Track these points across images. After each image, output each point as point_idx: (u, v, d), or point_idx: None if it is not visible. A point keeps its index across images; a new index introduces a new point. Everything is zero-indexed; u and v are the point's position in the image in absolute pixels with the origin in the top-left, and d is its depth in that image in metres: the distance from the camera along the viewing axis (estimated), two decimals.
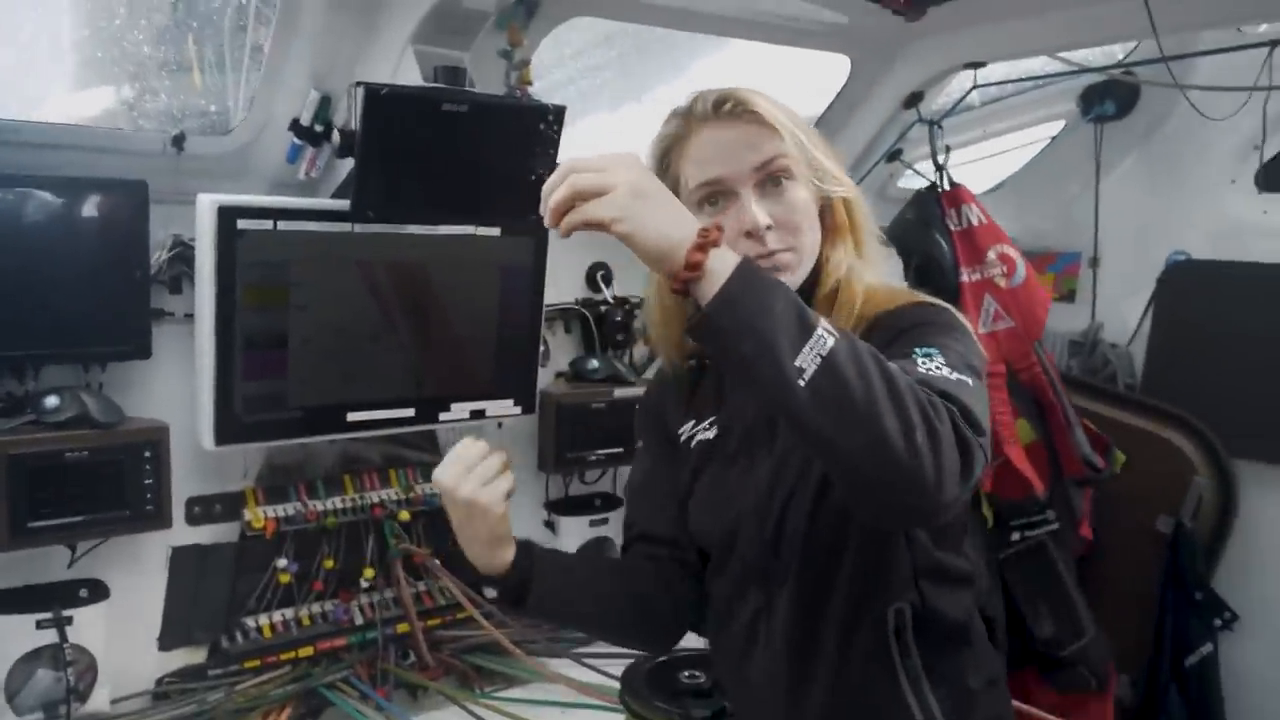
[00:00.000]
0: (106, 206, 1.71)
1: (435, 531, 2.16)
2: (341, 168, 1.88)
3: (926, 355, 0.96)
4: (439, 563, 2.10)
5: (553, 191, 0.90)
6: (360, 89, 1.67)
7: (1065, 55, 2.46)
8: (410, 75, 1.80)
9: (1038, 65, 2.66)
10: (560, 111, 1.85)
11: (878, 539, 1.08)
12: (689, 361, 1.22)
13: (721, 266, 0.87)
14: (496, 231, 2.06)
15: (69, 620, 1.72)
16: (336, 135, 1.82)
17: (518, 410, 2.18)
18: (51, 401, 1.68)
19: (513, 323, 2.14)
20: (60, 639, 1.70)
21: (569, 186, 0.89)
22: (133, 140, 1.83)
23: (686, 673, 1.74)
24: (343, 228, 1.86)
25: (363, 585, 2.07)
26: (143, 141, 1.81)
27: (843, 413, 0.84)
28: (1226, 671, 2.48)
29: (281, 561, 1.97)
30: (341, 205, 1.81)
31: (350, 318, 1.92)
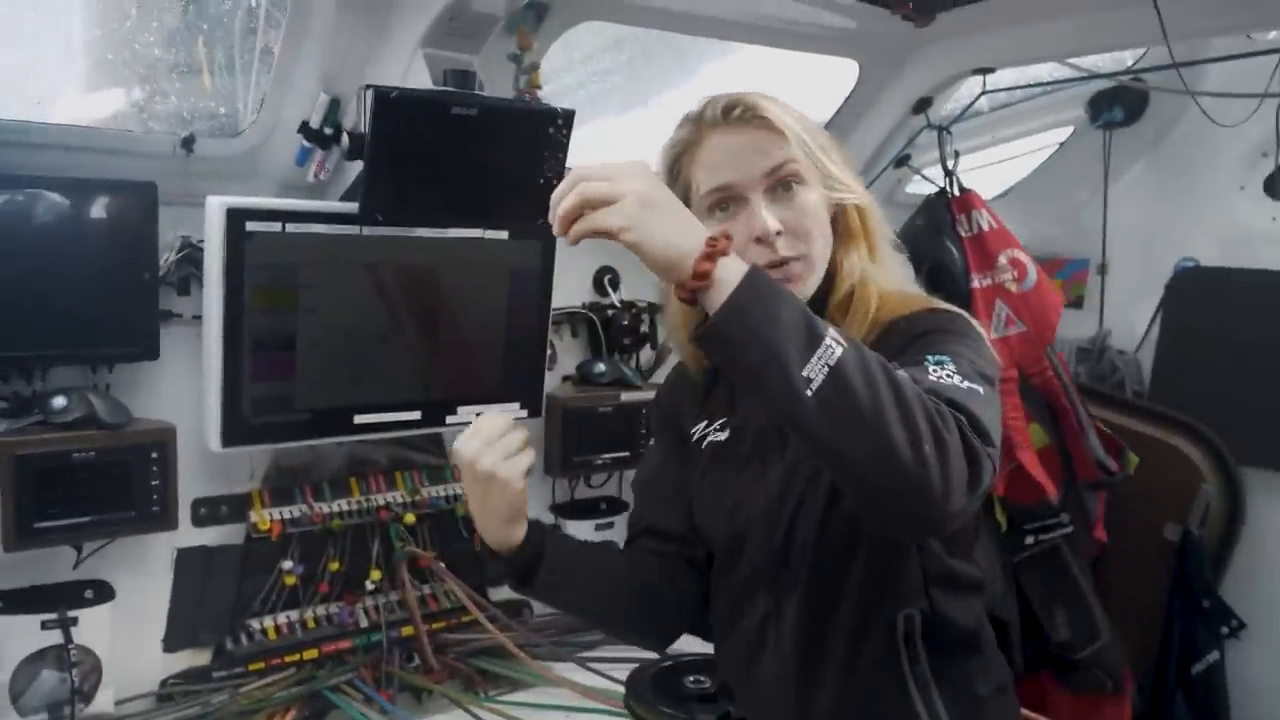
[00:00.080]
0: (115, 208, 1.71)
1: (441, 534, 2.16)
2: (350, 170, 1.88)
3: (938, 363, 0.96)
4: (444, 566, 2.10)
5: (561, 200, 0.90)
6: (370, 92, 1.67)
7: (1075, 61, 2.45)
8: (420, 78, 1.80)
9: (1047, 71, 2.66)
10: (569, 116, 1.85)
11: (888, 546, 1.07)
12: (705, 362, 1.21)
13: (729, 276, 0.87)
14: (505, 235, 2.06)
15: (74, 621, 1.71)
16: (346, 138, 1.82)
17: (524, 414, 2.17)
18: (59, 402, 1.68)
19: (520, 326, 2.13)
20: (65, 640, 1.70)
21: (577, 195, 0.89)
22: (142, 142, 1.83)
23: (691, 677, 1.73)
24: (351, 230, 1.86)
25: (368, 588, 2.06)
26: (152, 143, 1.82)
27: (850, 422, 0.83)
28: (1233, 679, 2.47)
29: (287, 563, 1.97)
30: (350, 208, 1.80)
31: (358, 320, 1.92)
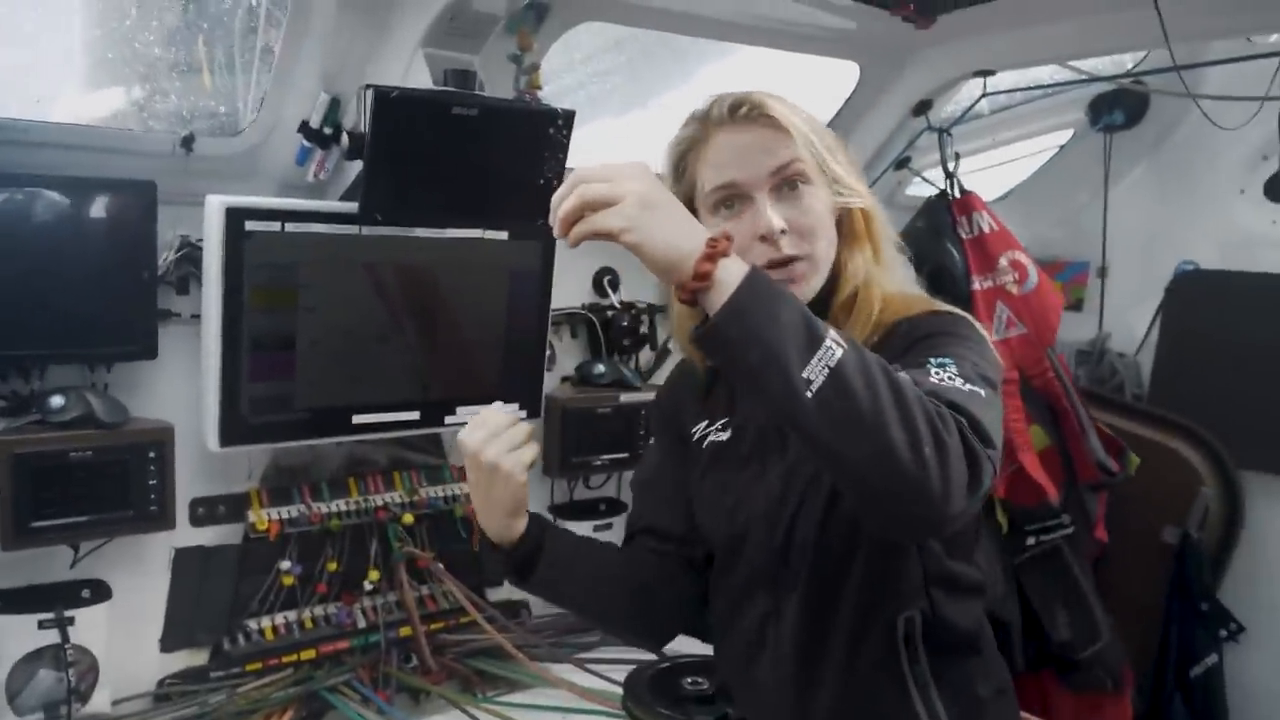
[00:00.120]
0: (114, 207, 1.71)
1: (439, 535, 2.16)
2: (350, 170, 1.88)
3: (940, 365, 0.96)
4: (442, 566, 2.10)
5: (561, 202, 0.90)
6: (370, 91, 1.67)
7: (1075, 64, 2.45)
8: (420, 78, 1.80)
9: (1047, 74, 2.66)
10: (570, 116, 1.85)
11: (888, 547, 1.07)
12: (707, 362, 1.21)
13: (729, 277, 0.87)
14: (504, 235, 2.06)
15: (71, 621, 1.71)
16: (346, 138, 1.81)
17: (523, 414, 2.15)
18: (57, 401, 1.68)
19: (519, 327, 2.13)
20: (62, 639, 1.69)
21: (577, 197, 0.89)
22: (141, 141, 1.83)
23: (689, 679, 1.73)
24: (351, 230, 1.85)
25: (366, 588, 2.06)
26: (152, 142, 1.81)
27: (849, 424, 0.83)
28: (1231, 683, 2.47)
29: (285, 564, 1.96)
30: (350, 208, 1.80)
31: (357, 320, 1.92)
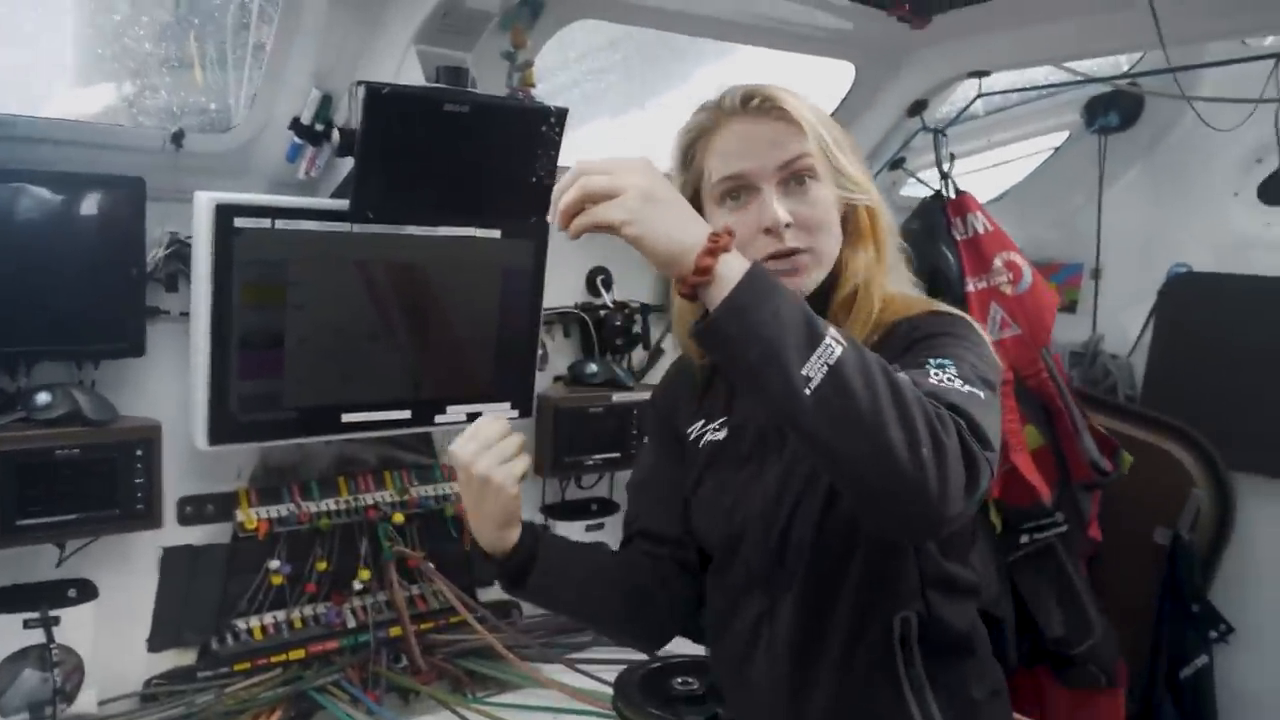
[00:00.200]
0: (103, 203, 1.69)
1: (430, 534, 2.15)
2: (342, 167, 1.86)
3: (940, 366, 0.96)
4: (433, 566, 2.09)
5: (563, 193, 0.89)
6: (361, 88, 1.65)
7: (1070, 65, 2.45)
8: (413, 75, 1.79)
9: (1042, 75, 2.66)
10: (562, 114, 1.84)
11: (885, 548, 1.07)
12: (706, 358, 1.20)
13: (730, 272, 0.86)
14: (497, 233, 2.05)
15: (56, 620, 1.70)
16: (337, 134, 1.80)
17: (515, 414, 2.16)
18: (43, 398, 1.66)
19: (511, 325, 2.12)
20: (47, 639, 1.68)
21: (579, 189, 0.88)
22: (131, 136, 1.81)
23: (680, 679, 1.73)
24: (341, 227, 1.84)
25: (356, 588, 2.04)
26: (141, 138, 1.80)
27: (848, 423, 0.83)
28: (1221, 684, 2.48)
29: (274, 563, 1.95)
30: (341, 205, 1.79)
31: (348, 318, 1.90)
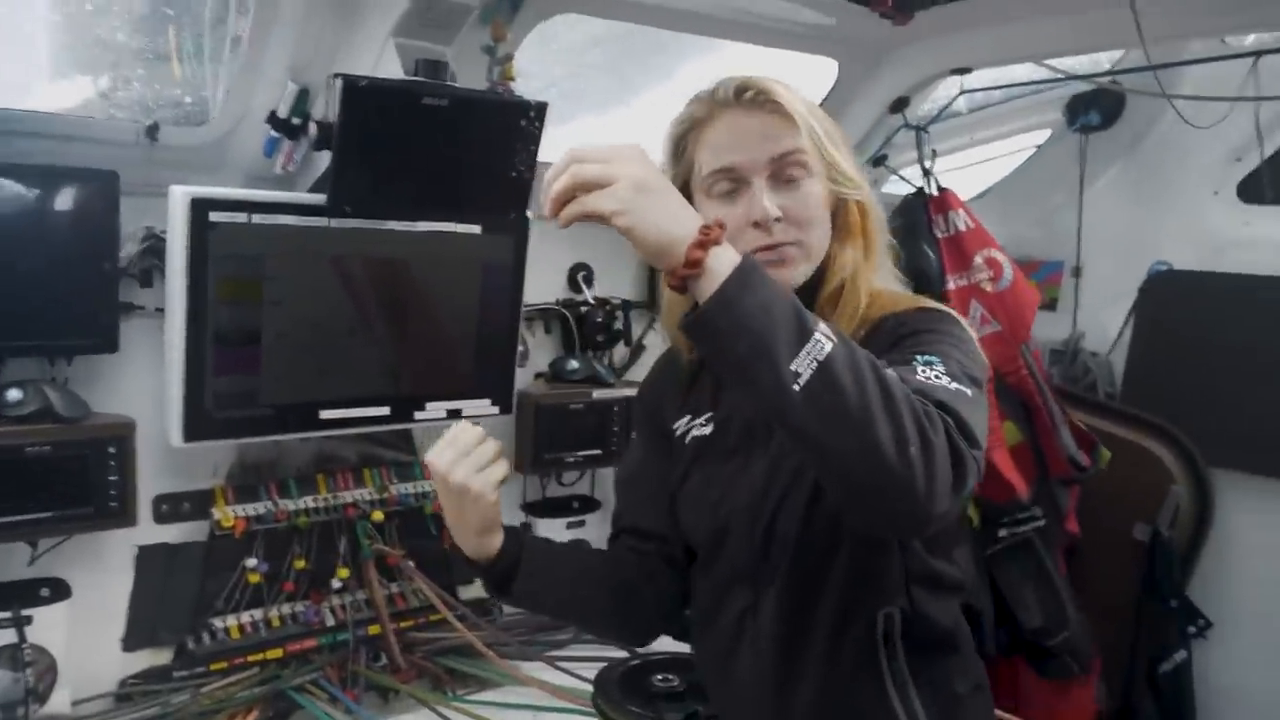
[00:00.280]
0: (76, 197, 1.67)
1: (409, 532, 2.14)
2: (319, 162, 1.84)
3: (927, 363, 0.95)
4: (413, 564, 2.08)
5: (554, 180, 0.88)
6: (339, 81, 1.63)
7: (1052, 63, 2.46)
8: (391, 69, 1.77)
9: (1024, 73, 2.67)
10: (542, 108, 1.82)
11: (870, 544, 1.07)
12: (694, 352, 1.19)
13: (720, 265, 0.85)
14: (477, 229, 2.03)
15: (28, 620, 1.67)
16: (314, 128, 1.78)
17: (495, 410, 2.15)
18: (14, 395, 1.64)
19: (491, 321, 2.11)
20: (19, 639, 1.66)
21: (571, 176, 0.87)
22: (104, 129, 1.79)
23: (660, 676, 1.73)
24: (319, 222, 1.82)
25: (334, 586, 2.03)
26: (115, 130, 1.77)
27: (836, 418, 0.82)
28: (1199, 679, 2.49)
29: (251, 561, 1.94)
30: (318, 199, 1.77)
31: (325, 314, 1.89)
